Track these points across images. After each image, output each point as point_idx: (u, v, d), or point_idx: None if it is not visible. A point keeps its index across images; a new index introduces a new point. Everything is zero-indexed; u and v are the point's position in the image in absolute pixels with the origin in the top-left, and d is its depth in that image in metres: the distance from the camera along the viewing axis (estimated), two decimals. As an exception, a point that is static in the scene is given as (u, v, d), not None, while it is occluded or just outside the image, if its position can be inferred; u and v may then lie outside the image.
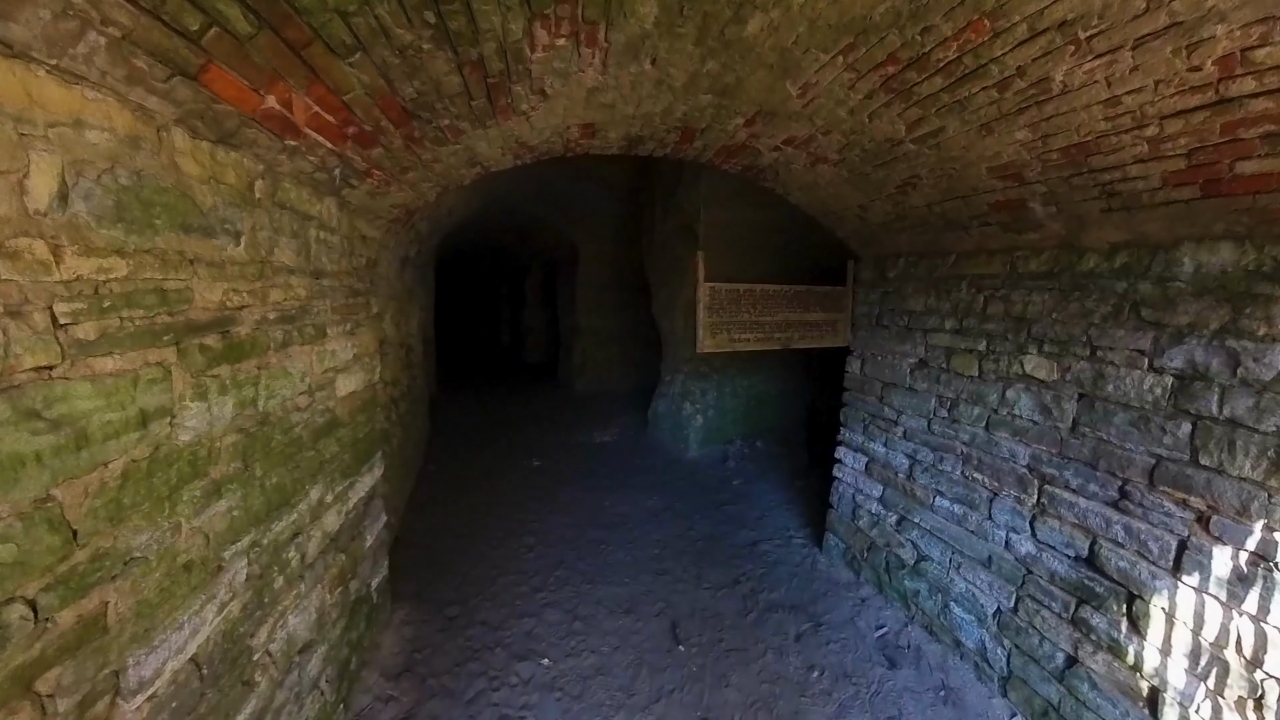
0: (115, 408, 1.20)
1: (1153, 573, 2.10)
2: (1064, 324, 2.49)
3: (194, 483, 1.46)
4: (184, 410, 1.42)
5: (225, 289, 1.57)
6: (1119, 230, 2.23)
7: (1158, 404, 2.10)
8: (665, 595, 3.62)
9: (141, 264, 1.26)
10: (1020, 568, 2.65)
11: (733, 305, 3.88)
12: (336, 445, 2.40)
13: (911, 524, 3.35)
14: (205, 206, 1.48)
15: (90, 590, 1.15)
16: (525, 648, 3.09)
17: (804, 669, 2.99)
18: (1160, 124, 1.68)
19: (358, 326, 2.66)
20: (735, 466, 5.87)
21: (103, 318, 1.16)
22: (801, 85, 2.14)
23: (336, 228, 2.37)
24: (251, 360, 1.72)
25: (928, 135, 2.28)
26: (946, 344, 3.15)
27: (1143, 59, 1.50)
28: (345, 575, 2.51)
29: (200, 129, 1.42)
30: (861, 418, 3.83)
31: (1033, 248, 2.67)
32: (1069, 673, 2.40)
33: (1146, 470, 2.13)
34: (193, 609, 1.47)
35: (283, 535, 1.93)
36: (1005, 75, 1.75)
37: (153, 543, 1.32)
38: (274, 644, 1.90)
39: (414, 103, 1.87)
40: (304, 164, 1.88)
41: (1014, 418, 2.71)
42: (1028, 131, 1.99)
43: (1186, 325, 2.03)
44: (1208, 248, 1.98)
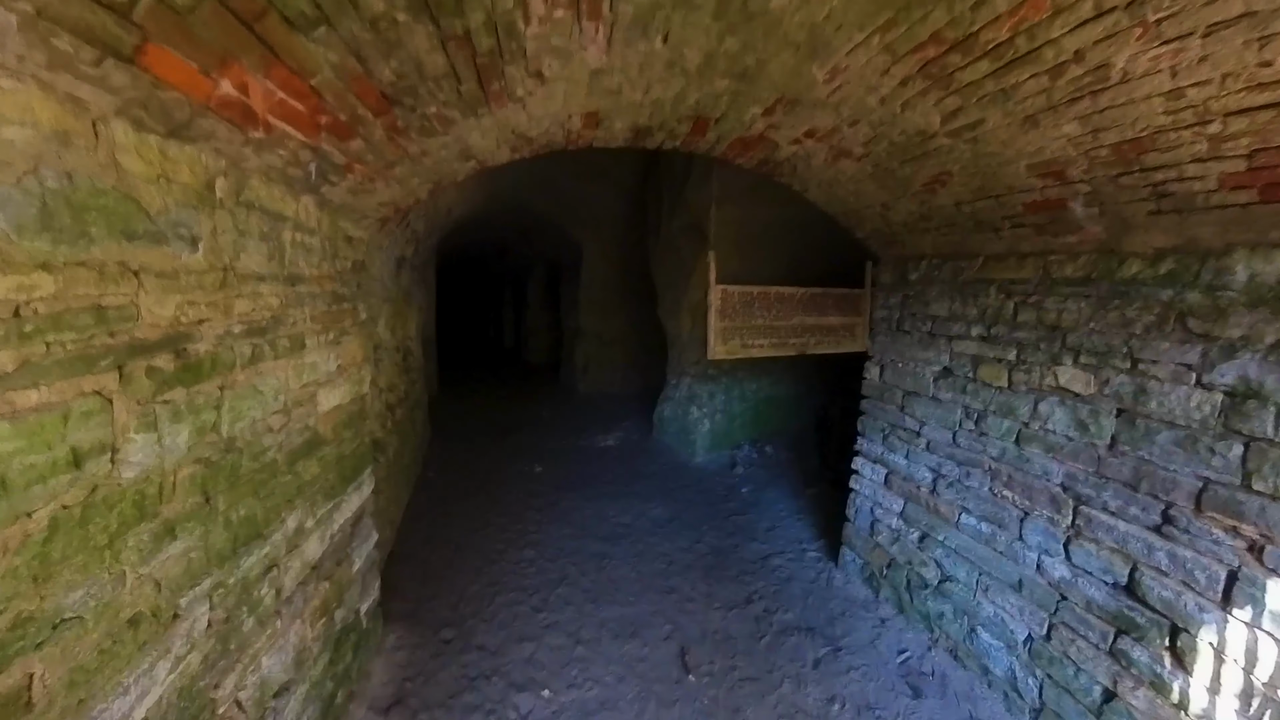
0: (40, 448, 1.04)
1: (1200, 605, 1.99)
2: (1102, 334, 2.36)
3: (141, 526, 1.30)
4: (128, 444, 1.26)
5: (179, 302, 1.41)
6: (1166, 235, 2.09)
7: (1206, 423, 1.98)
8: (673, 616, 3.48)
9: (73, 279, 1.10)
10: (1053, 593, 2.52)
11: (745, 309, 3.73)
12: (318, 466, 2.25)
13: (935, 542, 3.21)
14: (154, 209, 1.31)
15: (10, 663, 0.99)
16: (525, 676, 2.94)
17: (824, 700, 2.85)
18: (1224, 121, 1.56)
19: (343, 335, 2.50)
20: (744, 473, 5.77)
21: (24, 345, 1.00)
22: (830, 69, 1.96)
23: (316, 228, 2.21)
24: (213, 381, 1.56)
25: (964, 128, 2.11)
26: (973, 352, 3.01)
27: (1212, 49, 1.38)
28: (329, 605, 2.36)
29: (146, 121, 1.24)
30: (881, 427, 3.69)
31: (1069, 251, 2.52)
32: (1107, 708, 2.28)
33: (1193, 494, 2.01)
34: (140, 668, 1.30)
35: (253, 572, 1.78)
36: (1061, 60, 1.59)
37: (89, 599, 1.16)
38: (244, 691, 1.75)
39: (394, 87, 1.68)
40: (273, 159, 1.70)
41: (1047, 432, 2.58)
42: (1077, 125, 1.84)
43: (1239, 338, 1.90)
44: (1263, 255, 1.85)
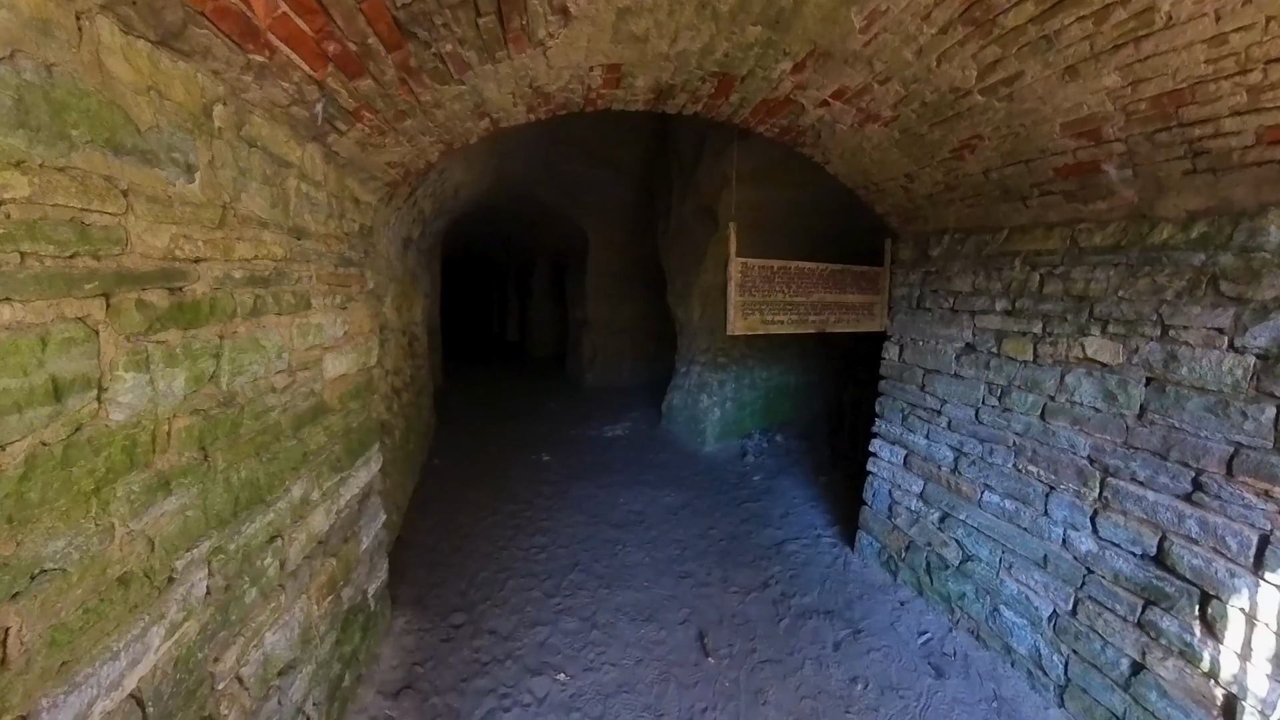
0: (14, 372, 0.94)
1: (1231, 571, 1.96)
2: (1131, 302, 2.31)
3: (132, 475, 1.20)
4: (116, 382, 1.15)
5: (174, 233, 1.30)
6: (1200, 196, 2.04)
7: (1238, 387, 1.95)
8: (689, 600, 3.42)
9: (51, 185, 1.00)
10: (1079, 567, 2.49)
11: (766, 283, 3.60)
12: (325, 435, 2.15)
13: (956, 521, 3.14)
14: (143, 124, 1.20)
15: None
16: (539, 660, 2.85)
17: (846, 681, 2.79)
18: (1264, 70, 1.51)
19: (350, 300, 2.41)
20: (755, 461, 5.73)
21: (-6, 250, 0.89)
22: (868, 13, 1.87)
23: (322, 182, 2.12)
24: (211, 326, 1.46)
25: (1000, 83, 2.04)
26: (997, 326, 2.94)
27: None
28: (336, 582, 2.27)
29: (134, 21, 1.14)
30: (900, 408, 3.62)
31: (1098, 219, 2.46)
32: (1135, 680, 2.27)
33: (1224, 460, 1.98)
34: (132, 633, 1.20)
35: (256, 539, 1.68)
36: (1107, 2, 1.54)
37: (73, 550, 1.05)
38: (246, 668, 1.65)
39: (408, 11, 1.55)
40: (277, 92, 1.59)
41: (1073, 405, 2.53)
42: (1118, 76, 1.78)
43: (1273, 299, 1.86)
44: None
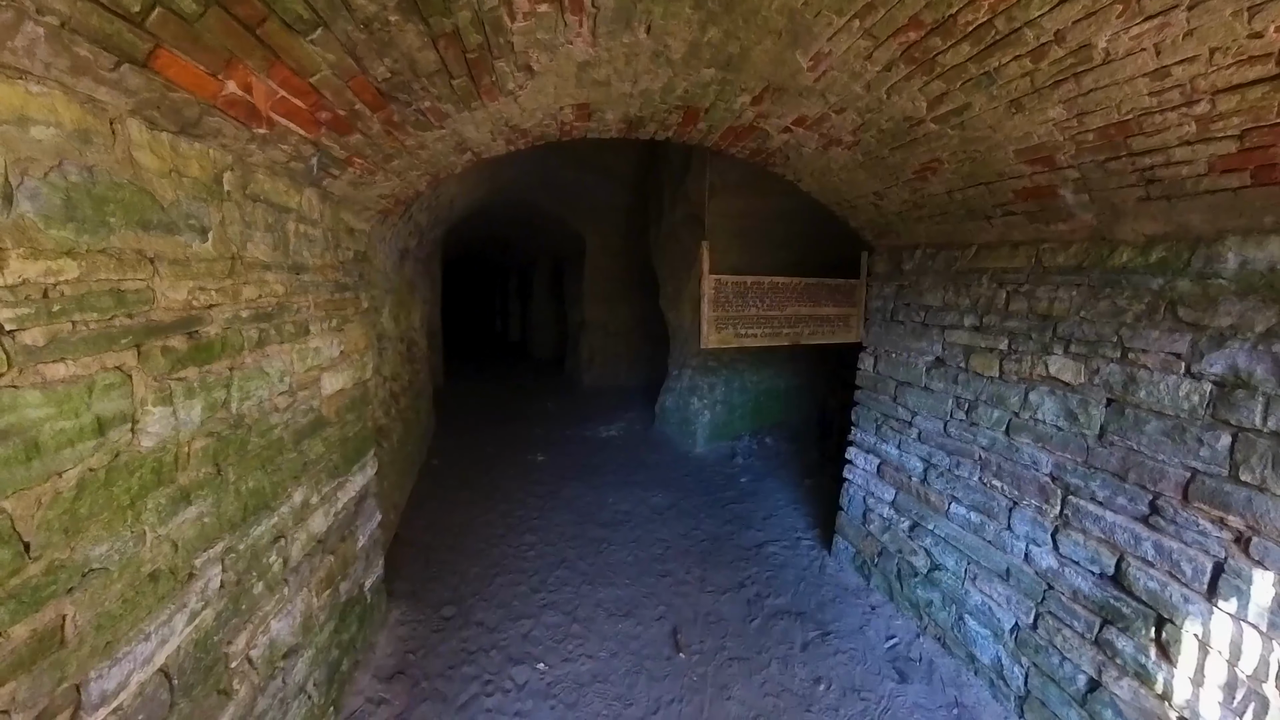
0: (68, 415, 1.17)
1: (1185, 596, 2.00)
2: (1092, 323, 2.36)
3: (159, 490, 1.44)
4: (146, 415, 1.39)
5: (191, 287, 1.53)
6: (1157, 222, 2.08)
7: (1195, 413, 1.97)
8: (667, 598, 3.59)
9: (95, 265, 1.22)
10: (1040, 582, 2.57)
11: (739, 299, 3.76)
12: (323, 445, 2.38)
13: (925, 530, 3.27)
14: (166, 201, 1.43)
15: (45, 604, 1.12)
16: (521, 651, 3.08)
17: (810, 681, 2.95)
18: (1212, 100, 1.53)
19: (345, 322, 2.63)
20: (743, 463, 5.83)
21: (53, 322, 1.12)
22: (813, 55, 1.99)
23: (319, 220, 2.33)
24: (223, 361, 1.68)
25: (951, 113, 2.13)
26: (965, 342, 3.04)
27: (1199, 21, 1.35)
28: (334, 577, 2.51)
29: (158, 120, 1.37)
30: (874, 418, 3.75)
31: (1060, 240, 2.53)
32: (1091, 697, 2.33)
33: (1180, 484, 2.01)
34: (160, 619, 1.45)
35: (262, 540, 1.92)
36: (1042, 42, 1.60)
37: (114, 553, 1.29)
38: (255, 650, 1.89)
39: (389, 83, 1.78)
40: (277, 154, 1.83)
41: (1036, 422, 2.60)
42: (1062, 109, 1.84)
43: (1229, 327, 1.89)
44: (1255, 242, 1.83)
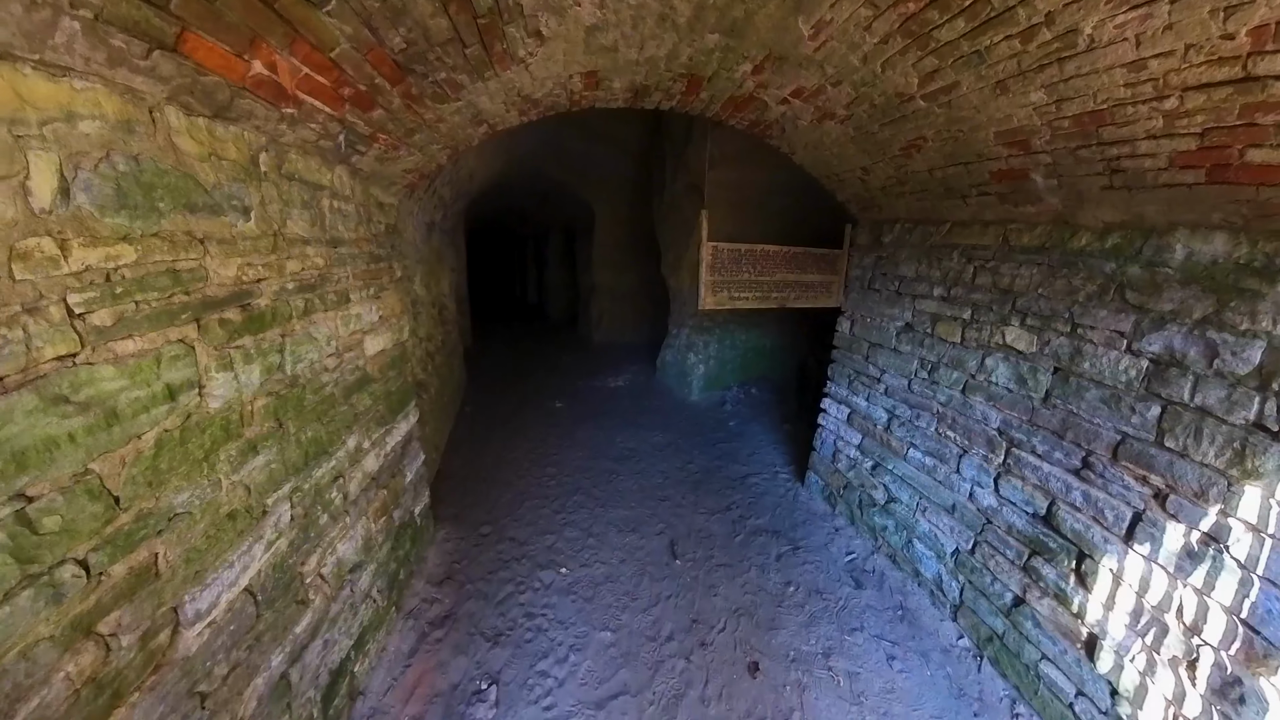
0: (141, 385, 1.15)
1: (1105, 538, 2.03)
2: (1049, 299, 2.28)
3: (229, 444, 1.44)
4: (210, 381, 1.37)
5: (240, 264, 1.47)
6: (1116, 210, 1.97)
7: (1130, 385, 1.94)
8: (666, 518, 3.69)
9: (150, 248, 1.17)
10: (981, 517, 2.61)
11: (734, 265, 3.64)
12: (370, 399, 2.37)
13: (885, 470, 3.31)
14: (209, 184, 1.35)
15: (138, 545, 1.15)
16: (547, 559, 3.19)
17: (782, 584, 3.06)
18: (1181, 97, 1.42)
19: (382, 290, 2.56)
20: (732, 410, 5.84)
21: (117, 303, 1.09)
22: (815, 23, 1.81)
23: (351, 196, 2.21)
24: (274, 329, 1.65)
25: (940, 91, 1.97)
26: (933, 310, 2.96)
27: (1179, 16, 1.23)
28: (388, 506, 2.56)
29: (193, 105, 1.27)
30: (848, 374, 3.72)
31: (1027, 221, 2.41)
32: (1015, 610, 2.41)
33: (1111, 445, 2.01)
34: (241, 549, 1.48)
35: (324, 479, 1.94)
36: (1033, 22, 1.45)
37: (194, 499, 1.31)
38: (325, 568, 1.95)
39: (405, 54, 1.62)
40: (306, 133, 1.70)
41: (990, 384, 2.57)
42: (1043, 93, 1.70)
43: (1169, 312, 1.83)
44: (1202, 236, 1.75)
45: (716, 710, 2.27)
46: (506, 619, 2.71)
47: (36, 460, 0.92)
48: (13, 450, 0.88)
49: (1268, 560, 1.54)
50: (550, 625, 2.68)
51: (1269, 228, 1.56)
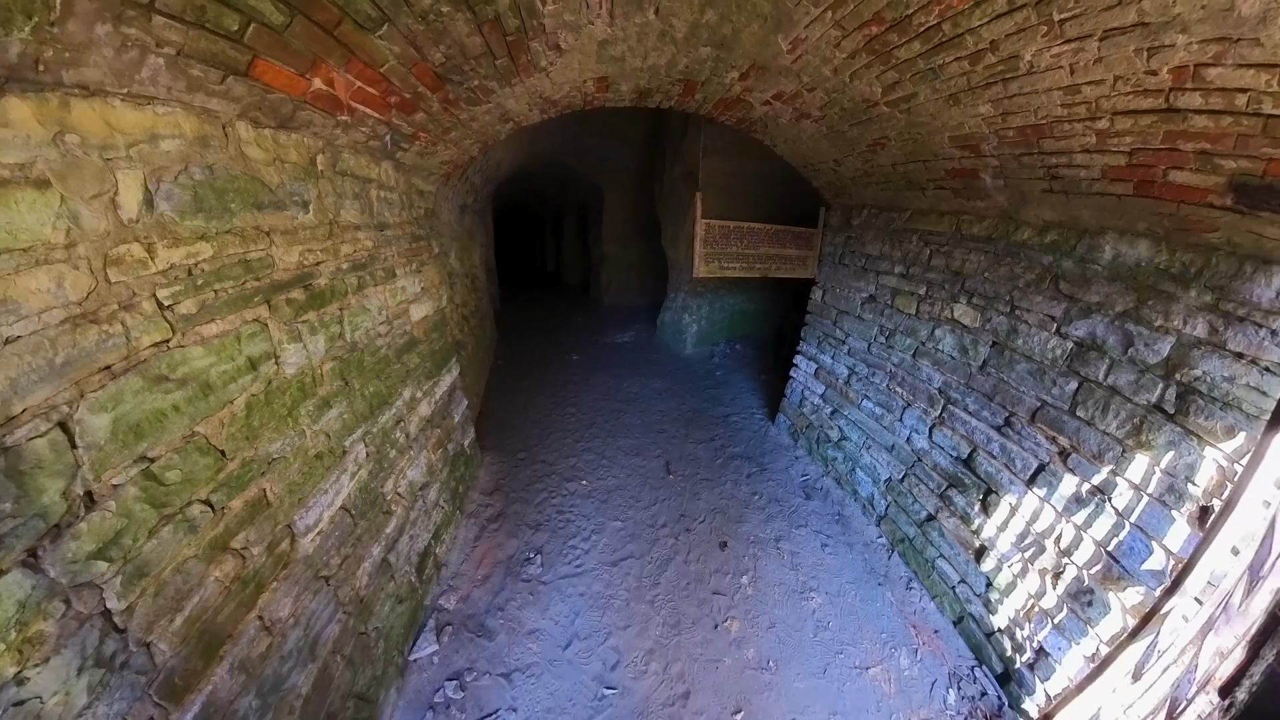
0: (226, 360, 1.16)
1: (1011, 480, 2.07)
2: (992, 283, 2.22)
3: (306, 401, 1.46)
4: (284, 351, 1.37)
5: (301, 250, 1.44)
6: (1054, 211, 1.88)
7: (1055, 362, 1.92)
8: (663, 445, 3.79)
9: (224, 243, 1.15)
10: (913, 456, 2.67)
11: (724, 239, 3.54)
12: (418, 358, 2.38)
13: (841, 415, 3.35)
14: (273, 184, 1.31)
15: (248, 485, 1.20)
16: (570, 474, 3.36)
17: (749, 494, 3.23)
18: (1111, 119, 1.36)
19: (423, 265, 2.50)
20: (719, 362, 5.82)
21: (199, 294, 1.08)
22: (792, 39, 1.73)
23: (395, 186, 2.12)
24: (333, 304, 1.62)
25: (900, 99, 1.86)
26: (893, 285, 2.89)
27: (1107, 52, 1.18)
28: (443, 441, 2.64)
29: (261, 119, 1.21)
30: (818, 335, 3.69)
31: (977, 214, 2.30)
32: (926, 523, 2.52)
33: (1031, 410, 2.00)
34: (330, 480, 1.54)
35: (388, 424, 1.98)
36: (979, 47, 1.38)
37: (286, 447, 1.35)
38: (400, 488, 2.04)
39: (444, 67, 1.55)
40: (358, 135, 1.63)
41: (937, 351, 2.55)
42: (990, 107, 1.61)
43: (1095, 303, 1.78)
44: (1128, 241, 1.67)
45: (694, 569, 2.58)
46: (543, 514, 2.92)
47: (150, 429, 0.95)
48: (129, 423, 0.91)
49: (1141, 512, 1.59)
50: (576, 518, 2.90)
51: (1187, 240, 1.50)
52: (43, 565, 0.75)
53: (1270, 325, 1.30)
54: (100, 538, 0.84)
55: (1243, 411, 1.35)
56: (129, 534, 0.89)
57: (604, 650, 2.10)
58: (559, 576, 2.46)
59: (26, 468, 0.73)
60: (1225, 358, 1.40)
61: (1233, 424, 1.37)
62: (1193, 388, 1.47)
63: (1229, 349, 1.39)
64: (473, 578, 2.42)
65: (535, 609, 2.28)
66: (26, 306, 0.73)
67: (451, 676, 1.94)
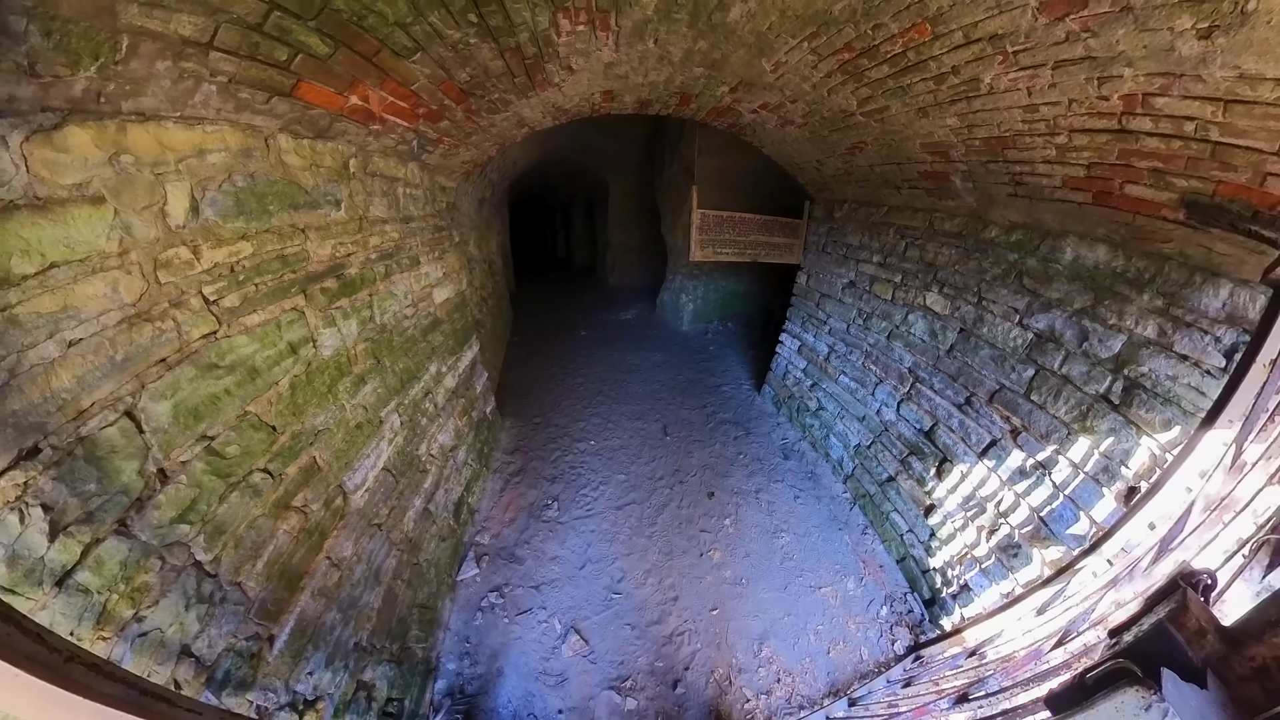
0: (269, 346, 1.16)
1: (965, 451, 2.09)
2: (962, 275, 2.16)
3: (343, 379, 1.47)
4: (320, 335, 1.37)
5: (334, 244, 1.42)
6: (1020, 213, 1.82)
7: (1016, 350, 1.89)
8: (661, 411, 3.83)
9: (263, 242, 1.14)
10: (881, 426, 2.68)
11: (717, 227, 3.47)
12: (441, 336, 2.38)
13: (820, 388, 3.35)
14: (309, 187, 1.28)
15: (300, 454, 1.23)
16: (580, 435, 3.43)
17: (736, 453, 3.30)
18: (1069, 135, 1.32)
19: (444, 253, 2.46)
20: (712, 338, 5.78)
21: (241, 288, 1.08)
22: (774, 62, 1.68)
23: (419, 184, 2.07)
24: (363, 291, 1.61)
25: (874, 111, 1.79)
26: (872, 273, 2.82)
27: (1061, 79, 1.14)
28: (468, 409, 2.67)
29: (300, 131, 1.18)
30: (801, 316, 3.64)
31: (949, 212, 2.23)
32: (886, 483, 2.57)
33: (990, 392, 1.99)
34: (371, 446, 1.58)
35: (418, 396, 2.00)
36: (942, 71, 1.34)
37: (329, 420, 1.37)
38: (433, 450, 2.10)
39: (468, 84, 1.52)
40: (387, 141, 1.59)
41: (909, 334, 2.51)
42: (957, 119, 1.55)
43: (1056, 300, 1.74)
44: (1088, 245, 1.62)
45: (685, 513, 2.71)
46: (558, 469, 3.03)
47: (207, 411, 0.97)
48: (188, 408, 0.93)
49: (1076, 486, 1.61)
50: (586, 472, 3.02)
51: (1143, 248, 1.45)
52: (133, 532, 0.79)
53: (1215, 332, 1.28)
54: (179, 506, 0.88)
55: (1181, 408, 1.34)
56: (203, 501, 0.94)
57: (612, 569, 2.30)
58: (573, 518, 2.61)
59: (103, 453, 0.76)
60: (1171, 358, 1.38)
61: (1170, 418, 1.36)
62: (1138, 383, 1.45)
63: (1175, 350, 1.37)
64: (501, 520, 2.57)
65: (555, 542, 2.44)
66: (86, 311, 0.74)
67: (493, 589, 2.17)
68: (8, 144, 0.62)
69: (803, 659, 1.94)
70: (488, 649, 1.90)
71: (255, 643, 1.01)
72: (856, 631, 2.07)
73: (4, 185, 0.62)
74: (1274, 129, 0.91)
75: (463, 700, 1.71)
